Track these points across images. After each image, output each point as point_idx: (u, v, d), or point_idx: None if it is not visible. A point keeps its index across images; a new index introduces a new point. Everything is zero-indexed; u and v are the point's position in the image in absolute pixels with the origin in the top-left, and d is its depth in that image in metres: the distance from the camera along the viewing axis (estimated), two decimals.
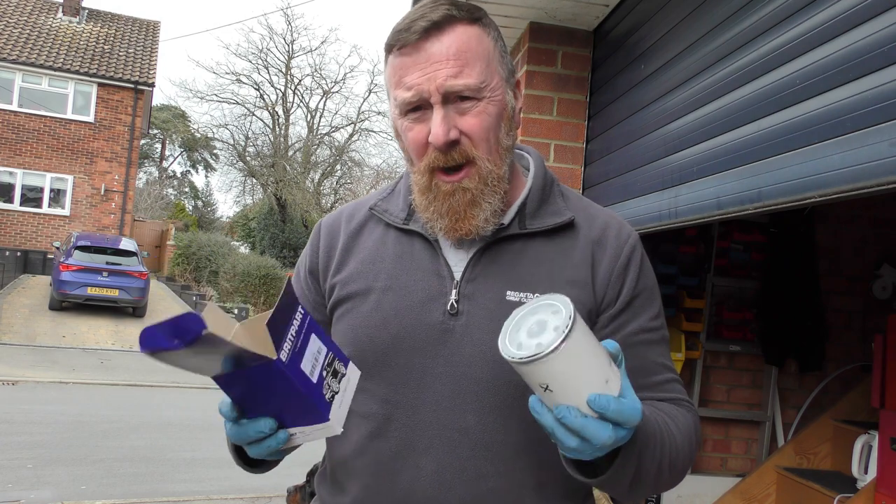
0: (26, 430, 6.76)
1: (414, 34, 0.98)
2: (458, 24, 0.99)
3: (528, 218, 1.05)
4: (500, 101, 1.01)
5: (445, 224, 1.01)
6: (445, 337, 1.01)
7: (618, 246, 1.06)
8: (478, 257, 1.04)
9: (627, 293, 1.04)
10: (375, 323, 1.04)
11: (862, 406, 3.42)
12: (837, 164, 1.37)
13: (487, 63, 1.00)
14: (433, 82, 0.97)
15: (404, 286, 1.04)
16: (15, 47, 19.70)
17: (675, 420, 0.98)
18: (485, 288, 1.02)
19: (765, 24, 1.67)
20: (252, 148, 30.21)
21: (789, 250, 3.56)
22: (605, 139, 2.74)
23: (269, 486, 5.74)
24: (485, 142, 0.99)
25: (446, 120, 0.97)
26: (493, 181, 1.00)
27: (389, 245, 1.08)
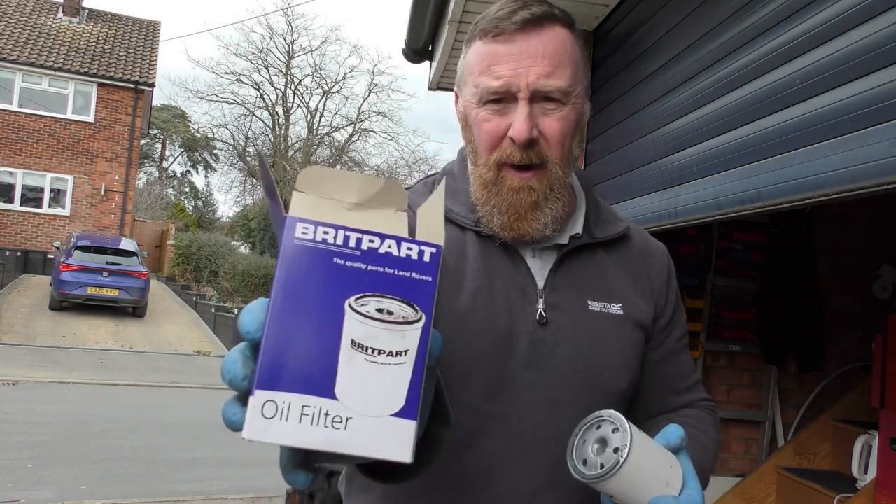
0: (26, 430, 6.76)
1: (514, 24, 0.95)
2: (556, 24, 0.97)
3: (593, 227, 1.05)
4: (580, 109, 0.99)
5: (503, 221, 0.98)
6: (536, 347, 0.98)
7: (662, 258, 1.11)
8: (558, 266, 1.02)
9: (672, 303, 1.09)
10: (465, 330, 0.97)
11: (862, 406, 3.41)
12: (837, 164, 1.37)
13: (576, 69, 0.98)
14: (525, 77, 0.94)
15: (491, 293, 0.99)
16: (15, 47, 19.70)
17: (707, 435, 1.04)
18: (568, 297, 1.01)
19: (765, 24, 1.67)
20: (252, 148, 30.22)
21: (789, 250, 3.55)
22: (605, 139, 2.74)
23: (269, 487, 5.74)
24: (560, 147, 0.97)
25: (531, 117, 0.94)
26: (559, 188, 0.98)
27: (469, 247, 1.02)
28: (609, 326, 1.01)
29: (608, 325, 1.01)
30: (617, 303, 1.02)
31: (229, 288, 17.79)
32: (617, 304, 1.02)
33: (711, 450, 1.04)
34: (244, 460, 6.51)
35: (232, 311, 14.58)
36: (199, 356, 13.28)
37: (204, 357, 13.28)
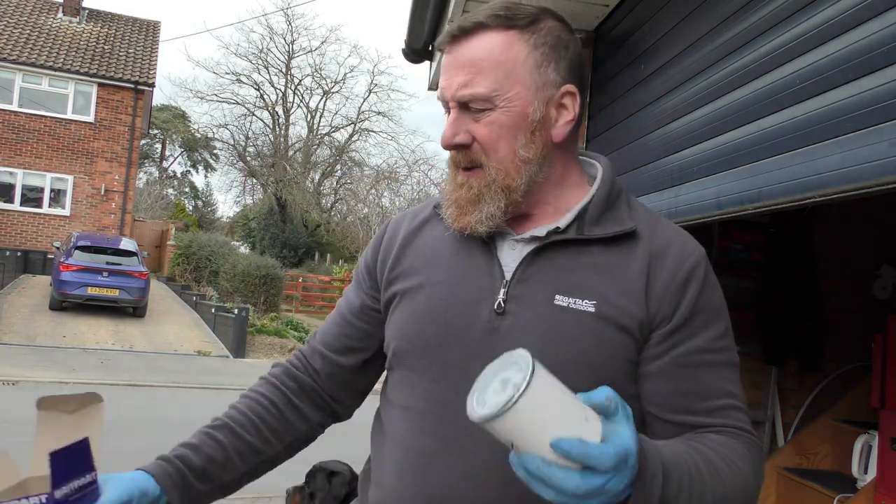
0: (26, 430, 6.74)
1: (445, 38, 1.03)
2: (485, 32, 1.00)
3: (588, 224, 1.03)
4: (517, 111, 1.00)
5: (451, 213, 1.05)
6: (490, 336, 1.00)
7: (679, 261, 1.02)
8: (530, 259, 1.03)
9: (685, 310, 0.99)
10: (424, 317, 1.05)
11: (862, 406, 3.41)
12: (837, 164, 1.37)
13: (508, 72, 0.99)
14: (449, 89, 1.01)
15: (456, 283, 1.05)
16: (15, 47, 19.70)
17: (726, 459, 0.92)
18: (534, 290, 1.01)
19: (765, 24, 1.67)
20: (252, 148, 30.25)
21: (789, 250, 3.55)
22: (605, 139, 2.74)
23: (269, 487, 5.73)
24: (494, 151, 1.01)
25: (455, 124, 1.01)
26: (498, 188, 1.01)
27: (448, 242, 1.09)
28: (572, 323, 0.98)
29: (572, 321, 0.98)
30: (590, 300, 0.98)
31: (229, 288, 17.79)
32: (589, 302, 0.98)
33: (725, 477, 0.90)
34: None
35: (232, 311, 14.57)
36: (199, 356, 13.28)
37: (204, 357, 13.28)
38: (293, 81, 29.52)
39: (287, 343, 15.02)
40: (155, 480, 1.04)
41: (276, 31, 34.78)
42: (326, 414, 1.20)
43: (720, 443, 0.96)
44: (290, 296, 20.32)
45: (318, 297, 22.21)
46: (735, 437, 0.98)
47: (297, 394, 1.18)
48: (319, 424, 1.20)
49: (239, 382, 11.00)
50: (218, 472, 1.08)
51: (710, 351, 1.00)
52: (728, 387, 1.02)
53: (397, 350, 1.08)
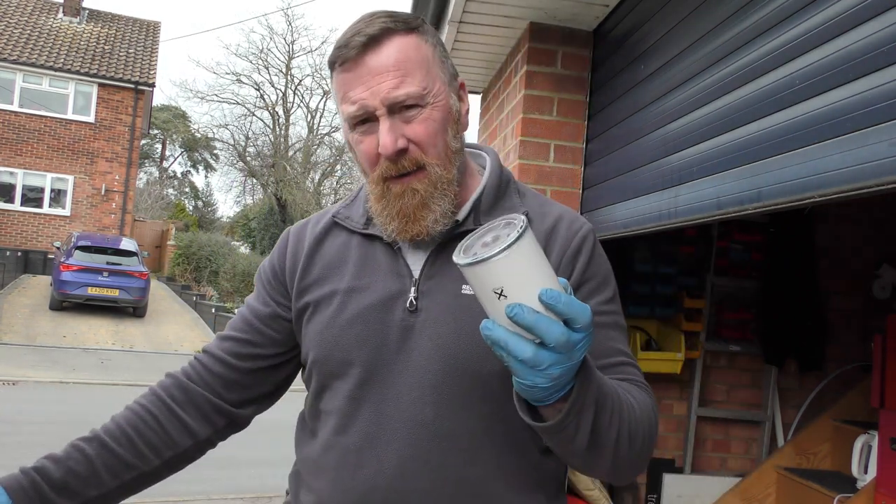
0: (26, 430, 6.76)
1: (353, 50, 1.01)
2: (394, 36, 1.02)
3: (483, 214, 1.08)
4: (443, 105, 1.04)
5: (397, 226, 1.04)
6: (406, 333, 1.04)
7: (568, 236, 1.08)
8: (435, 256, 1.07)
9: (576, 278, 1.06)
10: (340, 324, 1.07)
11: (862, 406, 3.41)
12: (837, 164, 1.37)
13: (427, 70, 1.03)
14: (377, 96, 1.00)
15: (366, 287, 1.08)
16: (15, 47, 19.71)
17: (631, 394, 0.98)
18: (442, 284, 1.05)
19: (765, 24, 1.67)
20: (252, 148, 30.25)
21: (789, 250, 3.55)
22: (605, 139, 2.74)
23: (269, 487, 5.74)
24: (433, 147, 1.03)
25: (393, 130, 1.00)
26: (443, 185, 1.04)
27: (353, 249, 1.12)
28: (480, 309, 0.98)
29: (480, 307, 0.99)
30: None
31: (229, 288, 17.79)
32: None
33: (637, 406, 0.95)
34: (244, 460, 6.51)
35: (232, 311, 14.57)
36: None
37: None
38: (293, 81, 29.55)
39: None
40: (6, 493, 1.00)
41: (277, 31, 34.84)
42: (221, 426, 1.17)
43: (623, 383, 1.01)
44: None
45: None
46: (634, 385, 1.03)
47: (183, 406, 1.15)
48: (208, 440, 1.17)
49: None
50: (81, 487, 1.06)
51: (599, 314, 1.04)
52: (618, 345, 1.06)
53: (317, 358, 1.09)
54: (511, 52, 3.21)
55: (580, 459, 0.92)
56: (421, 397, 1.01)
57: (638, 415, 0.96)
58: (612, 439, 0.90)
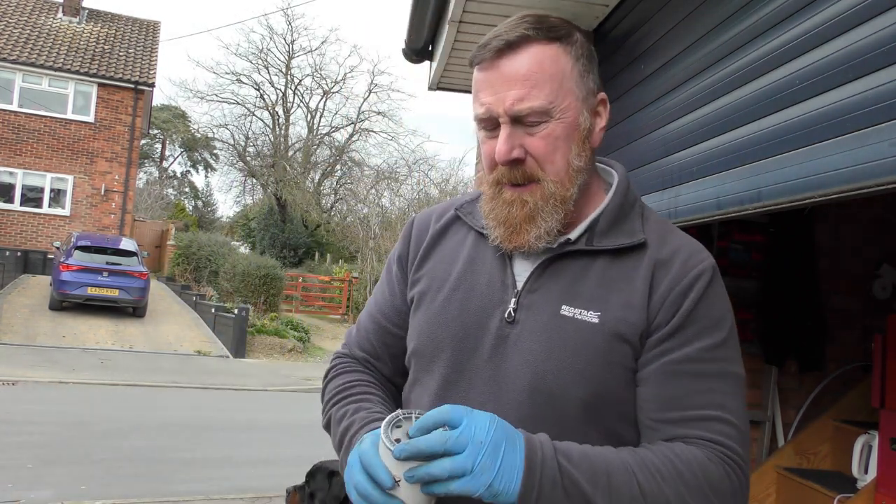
0: (26, 430, 6.76)
1: (489, 52, 1.01)
2: (533, 44, 1.01)
3: (598, 236, 1.05)
4: (570, 122, 1.02)
5: (501, 233, 1.05)
6: (500, 343, 1.04)
7: (683, 270, 1.03)
8: (541, 270, 1.06)
9: (681, 317, 1.00)
10: (439, 320, 1.08)
11: (862, 406, 3.41)
12: (837, 164, 1.37)
13: (560, 83, 1.01)
14: (502, 104, 1.00)
15: (471, 289, 1.08)
16: (15, 47, 19.70)
17: (666, 462, 0.93)
18: (543, 300, 1.04)
19: (765, 24, 1.67)
20: (252, 148, 30.24)
21: (789, 250, 3.55)
22: (605, 139, 2.73)
23: (269, 487, 5.74)
24: (550, 163, 1.02)
25: (510, 139, 1.00)
26: (556, 201, 1.02)
27: (467, 248, 1.12)
28: (576, 333, 1.00)
29: (575, 332, 1.00)
30: (595, 311, 1.01)
31: (229, 288, 17.78)
32: (594, 313, 1.01)
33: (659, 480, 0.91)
34: (244, 460, 6.51)
35: (232, 311, 14.56)
36: (199, 356, 13.27)
37: (204, 357, 13.28)
38: (293, 81, 29.53)
39: (287, 343, 15.02)
40: None
41: (276, 31, 34.81)
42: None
43: (667, 449, 0.95)
44: (289, 296, 20.31)
45: (317, 298, 22.19)
46: (701, 447, 0.96)
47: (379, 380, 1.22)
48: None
49: (239, 382, 11.00)
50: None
51: (700, 361, 1.00)
52: (716, 398, 1.00)
53: (415, 350, 1.12)
54: None
55: None
56: (501, 410, 0.99)
57: (671, 478, 0.92)
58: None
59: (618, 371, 1.00)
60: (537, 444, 0.89)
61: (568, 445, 0.92)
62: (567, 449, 0.91)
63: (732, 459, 0.97)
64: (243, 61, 30.50)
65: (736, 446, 0.98)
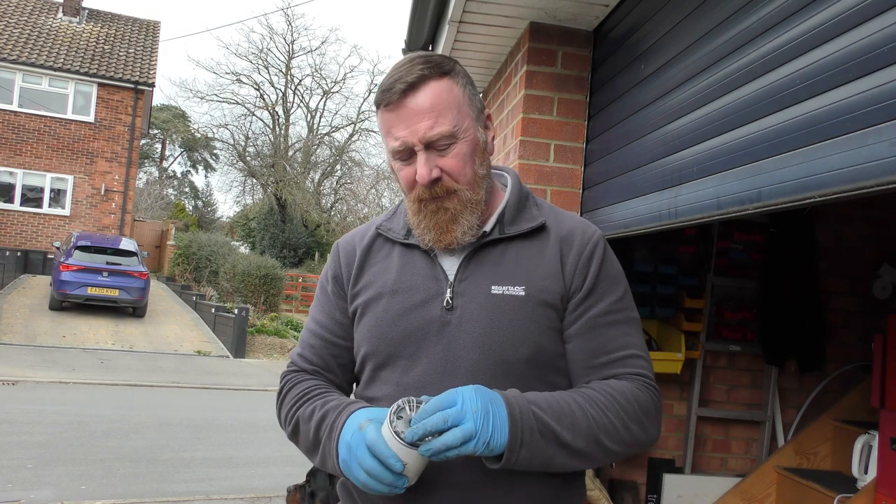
0: (26, 430, 6.76)
1: (395, 94, 1.20)
2: (430, 81, 1.20)
3: (507, 225, 1.28)
4: (472, 139, 1.23)
5: (432, 236, 1.24)
6: (444, 328, 1.22)
7: (582, 242, 1.27)
8: (467, 261, 1.26)
9: (591, 280, 1.24)
10: (387, 321, 1.25)
11: (862, 406, 3.41)
12: (837, 164, 1.37)
13: (458, 109, 1.21)
14: (415, 135, 1.19)
15: (409, 289, 1.26)
16: (15, 47, 19.70)
17: (601, 392, 1.17)
18: (474, 285, 1.24)
19: (765, 24, 1.67)
20: (252, 148, 30.22)
21: (789, 250, 3.55)
22: (605, 139, 2.74)
23: (268, 487, 5.75)
24: (462, 175, 1.22)
25: (428, 162, 1.20)
26: (472, 205, 1.24)
27: (395, 257, 1.31)
28: (509, 306, 1.21)
29: (508, 305, 1.21)
30: (520, 286, 1.22)
31: (229, 288, 17.78)
32: (520, 287, 1.22)
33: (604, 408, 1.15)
34: (244, 460, 6.51)
35: (232, 311, 14.56)
36: (199, 356, 13.28)
37: (204, 357, 13.28)
38: (293, 81, 29.53)
39: (287, 343, 15.02)
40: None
41: (276, 31, 34.82)
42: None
43: (608, 384, 1.20)
44: (289, 296, 20.31)
45: None
46: (628, 379, 1.21)
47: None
48: None
49: (239, 382, 11.00)
50: None
51: (612, 312, 1.25)
52: (629, 339, 1.25)
53: (368, 351, 1.28)
54: (511, 52, 3.21)
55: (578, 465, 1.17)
56: (457, 382, 1.15)
57: (613, 408, 1.16)
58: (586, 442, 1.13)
59: (548, 332, 1.22)
60: (513, 399, 1.10)
61: (534, 395, 1.14)
62: (535, 398, 1.13)
63: (651, 384, 1.23)
64: (243, 61, 30.52)
65: (649, 374, 1.24)
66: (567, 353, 1.24)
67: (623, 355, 1.22)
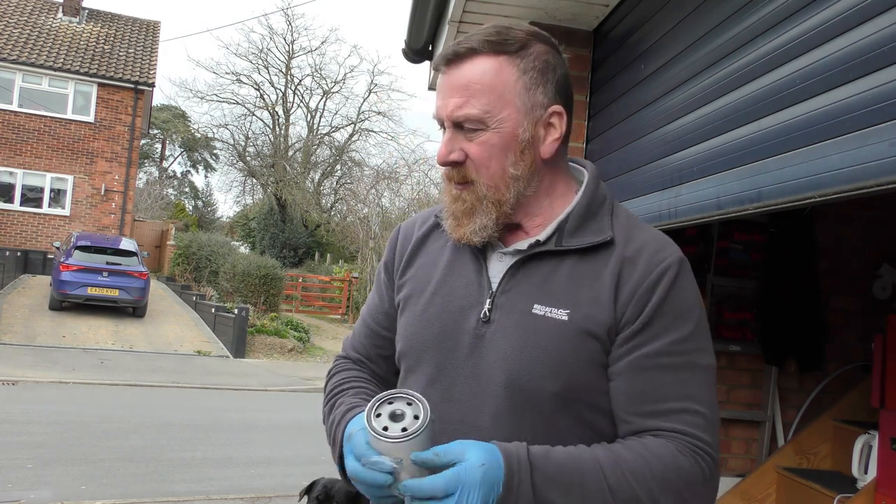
0: (26, 430, 6.76)
1: (441, 60, 1.10)
2: (478, 57, 1.07)
3: (567, 235, 1.10)
4: (507, 132, 1.08)
5: (449, 224, 1.14)
6: (477, 342, 1.10)
7: (649, 266, 1.06)
8: (513, 271, 1.11)
9: (649, 313, 1.04)
10: (422, 322, 1.16)
11: (862, 406, 3.41)
12: (837, 164, 1.37)
13: (499, 95, 1.07)
14: (445, 109, 1.09)
15: (450, 292, 1.15)
16: (15, 47, 19.70)
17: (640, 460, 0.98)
18: (516, 300, 1.09)
19: (765, 24, 1.67)
20: (252, 148, 30.21)
21: (789, 250, 3.55)
22: (605, 139, 2.74)
23: (269, 487, 5.74)
24: (485, 168, 1.09)
25: (450, 143, 1.10)
26: (488, 203, 1.10)
27: (446, 253, 1.19)
28: (547, 330, 1.06)
29: (546, 329, 1.06)
30: (564, 309, 1.06)
31: (229, 288, 17.78)
32: (563, 311, 1.06)
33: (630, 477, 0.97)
34: (244, 460, 6.51)
35: (232, 311, 14.56)
36: (199, 356, 13.28)
37: (204, 357, 13.28)
38: (293, 81, 29.52)
39: (287, 343, 15.02)
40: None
41: (276, 31, 34.80)
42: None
43: (639, 445, 1.01)
44: (289, 296, 20.30)
45: (317, 297, 22.19)
46: (671, 439, 1.01)
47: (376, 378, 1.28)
48: None
49: (239, 382, 11.00)
50: None
51: (669, 354, 1.04)
52: (685, 390, 1.04)
53: (402, 350, 1.19)
54: None
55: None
56: (481, 405, 1.07)
57: (642, 476, 0.97)
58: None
59: (587, 366, 1.05)
60: (515, 466, 0.95)
61: (546, 458, 0.97)
62: (544, 464, 0.96)
63: (702, 449, 1.01)
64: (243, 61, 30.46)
65: (705, 436, 1.02)
66: (610, 395, 1.06)
67: (673, 408, 1.02)
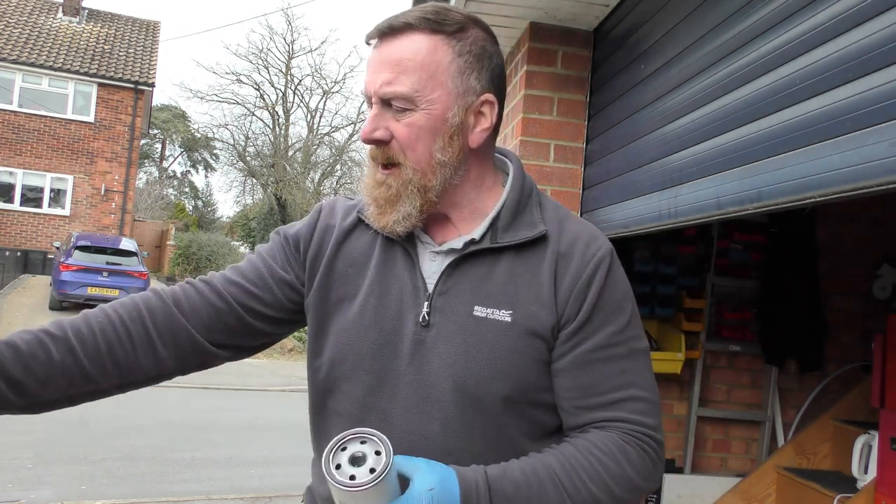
0: (26, 430, 6.76)
1: (375, 31, 1.04)
2: (413, 33, 1.02)
3: (500, 232, 1.07)
4: (437, 115, 1.02)
5: (372, 212, 1.08)
6: (417, 347, 1.04)
7: (582, 262, 1.05)
8: (449, 271, 1.06)
9: (587, 310, 1.04)
10: (356, 328, 1.07)
11: (862, 406, 3.42)
12: (837, 164, 1.37)
13: (431, 75, 1.01)
14: (373, 85, 1.03)
15: (384, 294, 1.08)
16: (15, 47, 19.70)
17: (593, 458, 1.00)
18: (455, 302, 1.05)
19: (765, 24, 1.67)
20: (252, 148, 30.23)
21: (789, 250, 3.55)
22: (605, 139, 2.74)
23: (268, 487, 5.74)
24: (412, 150, 1.03)
25: (375, 120, 1.03)
26: (413, 188, 1.04)
27: (376, 252, 1.11)
28: (490, 333, 1.02)
29: (490, 332, 1.02)
30: (506, 309, 1.03)
31: None
32: (506, 311, 1.03)
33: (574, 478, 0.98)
34: (244, 460, 6.51)
35: None
36: None
37: None
38: (293, 81, 29.54)
39: (287, 343, 15.02)
40: None
41: (276, 32, 34.83)
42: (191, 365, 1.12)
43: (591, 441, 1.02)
44: None
45: None
46: (617, 430, 1.03)
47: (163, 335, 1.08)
48: (171, 375, 1.12)
49: (238, 382, 11.00)
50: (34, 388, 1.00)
51: (609, 346, 1.04)
52: (628, 378, 1.04)
53: (333, 357, 1.09)
54: (511, 51, 3.21)
55: None
56: (428, 412, 1.03)
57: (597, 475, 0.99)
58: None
59: (533, 365, 1.03)
60: (473, 495, 0.93)
61: (503, 479, 0.96)
62: (502, 485, 0.95)
63: (647, 435, 1.03)
64: (243, 61, 30.55)
65: (649, 420, 1.04)
66: (554, 391, 1.05)
67: (618, 397, 1.03)
